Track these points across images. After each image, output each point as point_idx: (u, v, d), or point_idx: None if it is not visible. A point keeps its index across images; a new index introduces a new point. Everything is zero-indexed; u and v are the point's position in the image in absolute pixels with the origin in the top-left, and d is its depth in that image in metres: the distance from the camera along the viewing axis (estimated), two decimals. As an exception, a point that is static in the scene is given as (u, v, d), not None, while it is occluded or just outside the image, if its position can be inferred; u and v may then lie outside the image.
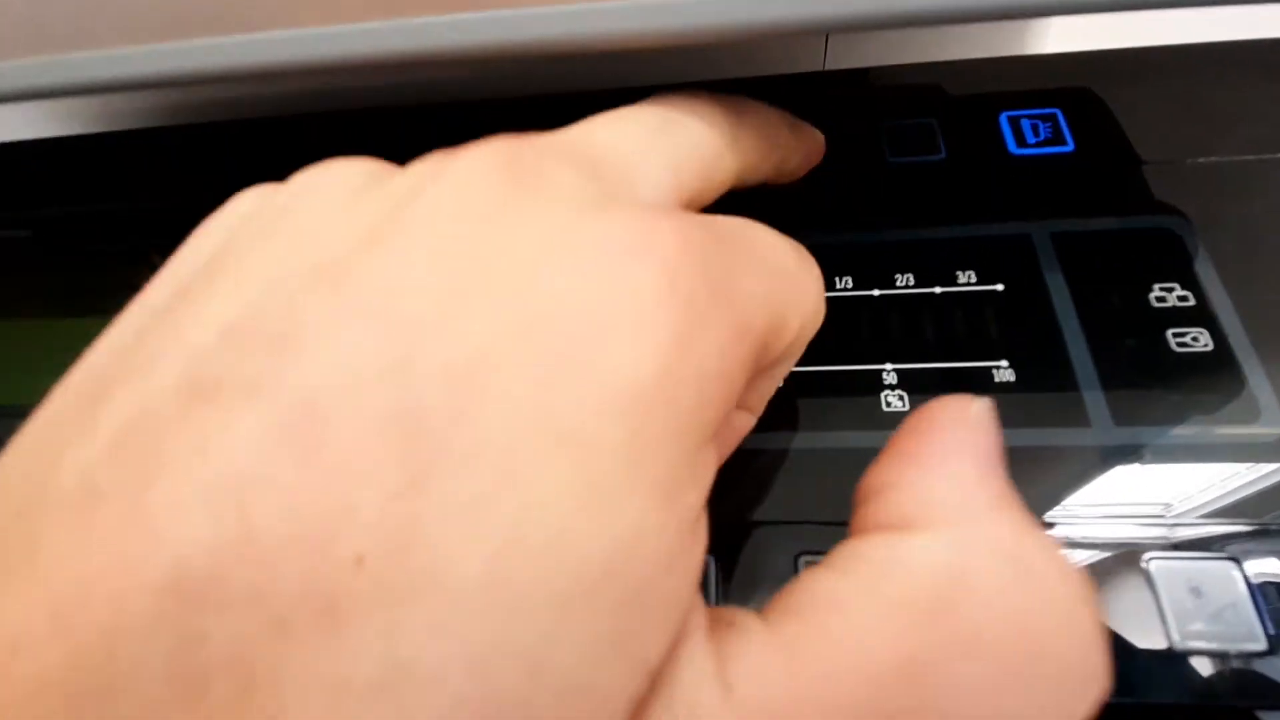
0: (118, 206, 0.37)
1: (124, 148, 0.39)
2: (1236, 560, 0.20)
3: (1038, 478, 0.22)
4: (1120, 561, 0.20)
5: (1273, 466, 0.21)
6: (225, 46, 0.22)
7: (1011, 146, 0.29)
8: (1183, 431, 0.22)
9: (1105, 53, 0.31)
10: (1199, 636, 0.19)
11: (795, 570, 0.21)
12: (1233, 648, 0.19)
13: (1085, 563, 0.20)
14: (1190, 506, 0.21)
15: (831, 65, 0.36)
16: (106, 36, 0.23)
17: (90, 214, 0.37)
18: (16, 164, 0.39)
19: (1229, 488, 0.21)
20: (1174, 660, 0.19)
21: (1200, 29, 0.31)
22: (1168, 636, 0.19)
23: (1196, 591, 0.19)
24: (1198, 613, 0.19)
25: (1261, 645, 0.18)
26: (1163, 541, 0.20)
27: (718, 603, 0.21)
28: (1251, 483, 0.21)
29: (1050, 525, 0.21)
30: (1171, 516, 0.21)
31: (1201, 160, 0.28)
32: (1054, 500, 0.21)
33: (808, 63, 0.36)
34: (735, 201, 0.28)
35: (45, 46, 0.22)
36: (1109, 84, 0.30)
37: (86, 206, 0.38)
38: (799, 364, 0.25)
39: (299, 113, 0.37)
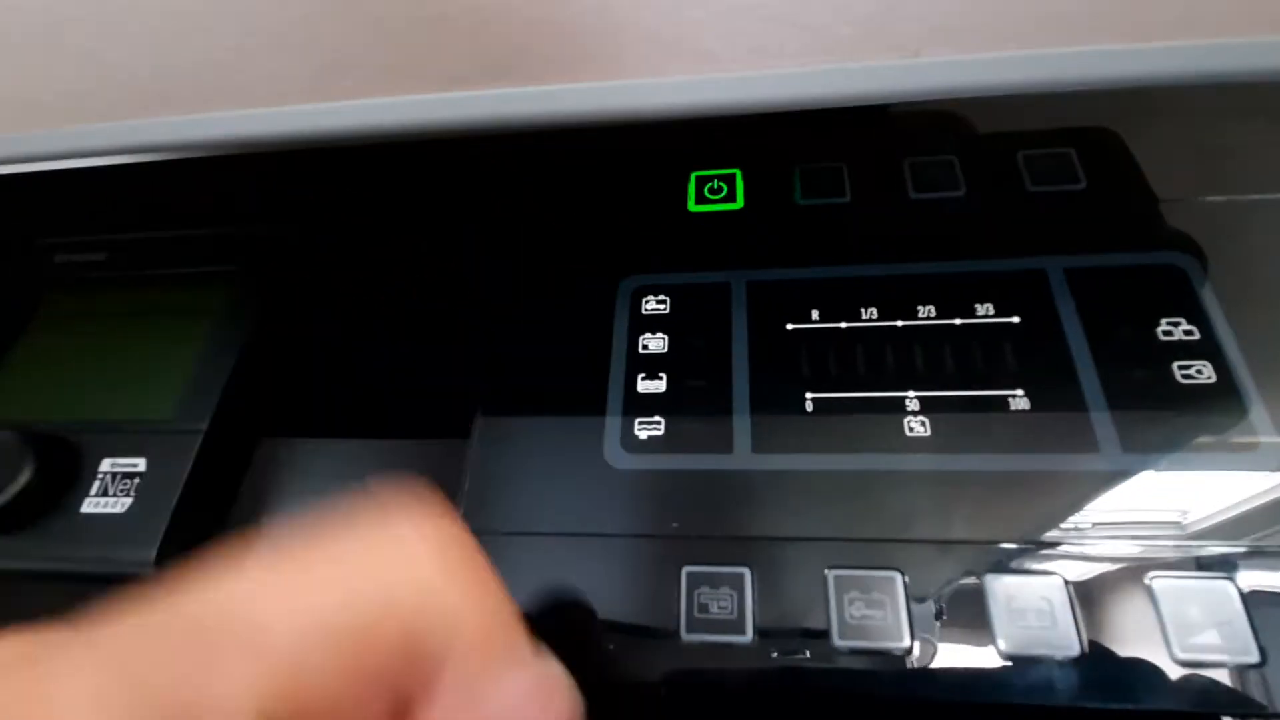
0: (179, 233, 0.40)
1: (197, 174, 0.41)
2: (1233, 579, 0.21)
3: (1049, 500, 0.24)
4: (1125, 579, 0.22)
5: (1269, 493, 0.23)
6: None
7: (1028, 183, 0.31)
8: (1185, 459, 0.24)
9: (1120, 91, 0.33)
10: (1198, 649, 0.20)
11: (825, 584, 0.23)
12: (1230, 660, 0.20)
13: (1092, 579, 0.22)
14: (1191, 529, 0.22)
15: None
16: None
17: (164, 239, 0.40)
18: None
19: (1228, 512, 0.23)
20: (1175, 672, 0.20)
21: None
22: (1169, 650, 0.21)
23: (1193, 608, 0.21)
24: (1195, 626, 0.21)
25: (1255, 658, 0.20)
26: (1165, 561, 0.22)
27: (755, 612, 0.23)
28: (1249, 508, 0.23)
29: (1060, 544, 0.23)
30: (1173, 538, 0.22)
31: (1210, 199, 0.29)
32: (1064, 521, 0.23)
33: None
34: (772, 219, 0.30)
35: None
36: (1121, 123, 0.32)
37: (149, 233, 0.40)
38: (827, 390, 0.27)
39: (341, 145, 0.39)
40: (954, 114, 0.34)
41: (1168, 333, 0.26)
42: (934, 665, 0.22)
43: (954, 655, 0.22)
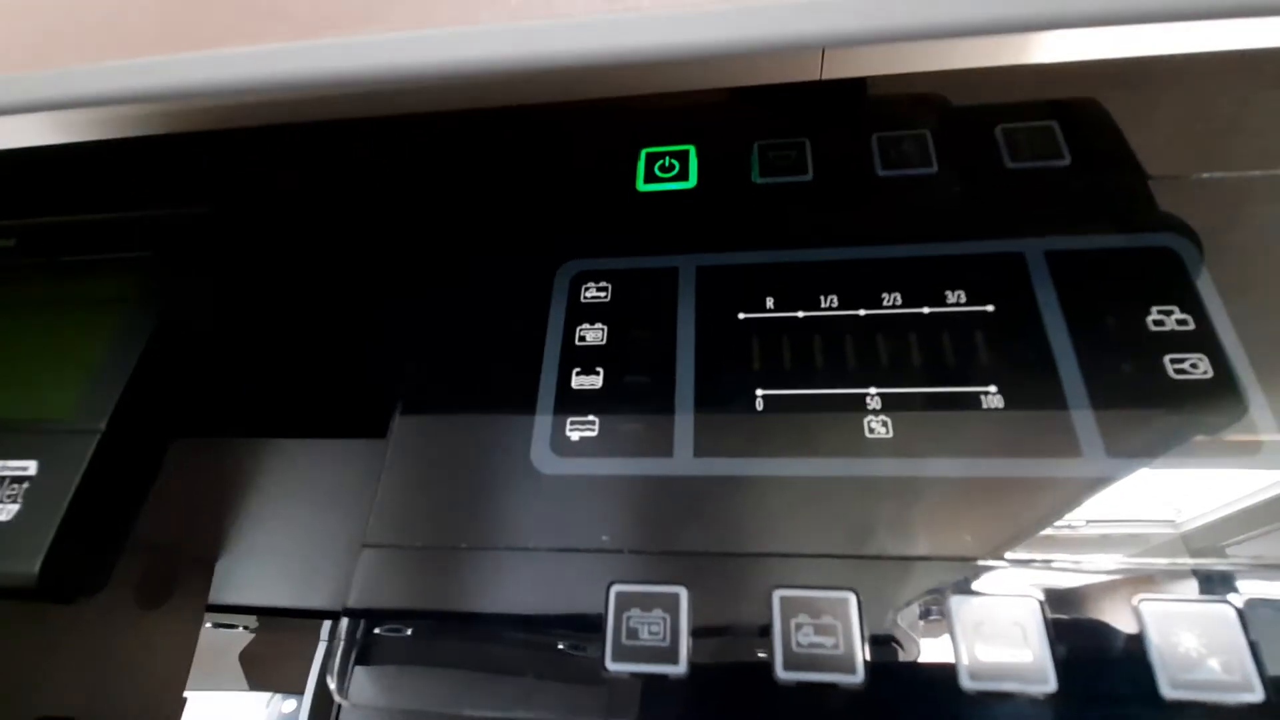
0: (102, 216, 0.37)
1: (106, 156, 0.38)
2: (1234, 603, 0.18)
3: (1025, 510, 0.21)
4: (1109, 602, 0.19)
5: (1274, 501, 0.20)
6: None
7: (1006, 159, 0.28)
8: (1179, 462, 0.21)
9: (1103, 63, 0.30)
10: (1189, 686, 0.18)
11: (770, 606, 0.20)
12: (1227, 699, 0.18)
13: (1072, 601, 0.19)
14: (1186, 544, 0.20)
15: (828, 75, 0.35)
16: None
17: (74, 224, 0.37)
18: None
19: (1227, 523, 0.20)
20: (1163, 711, 0.18)
21: (1202, 38, 0.30)
22: (1158, 686, 0.18)
23: (1187, 637, 0.18)
24: (1190, 659, 0.18)
25: (1258, 696, 0.17)
26: (1156, 581, 0.19)
27: (690, 638, 0.20)
28: (1251, 518, 0.20)
29: (1036, 561, 0.20)
30: (1165, 554, 0.20)
31: (1204, 175, 0.27)
32: (1041, 535, 0.20)
33: (803, 72, 0.35)
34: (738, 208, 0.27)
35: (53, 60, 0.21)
36: (1107, 95, 0.29)
37: (70, 216, 0.37)
38: (780, 386, 0.24)
39: (271, 123, 0.36)
40: (927, 85, 0.31)
41: (1159, 322, 0.23)
42: (890, 703, 0.19)
43: (913, 691, 0.19)
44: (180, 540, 0.29)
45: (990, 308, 0.24)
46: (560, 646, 0.21)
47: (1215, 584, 0.19)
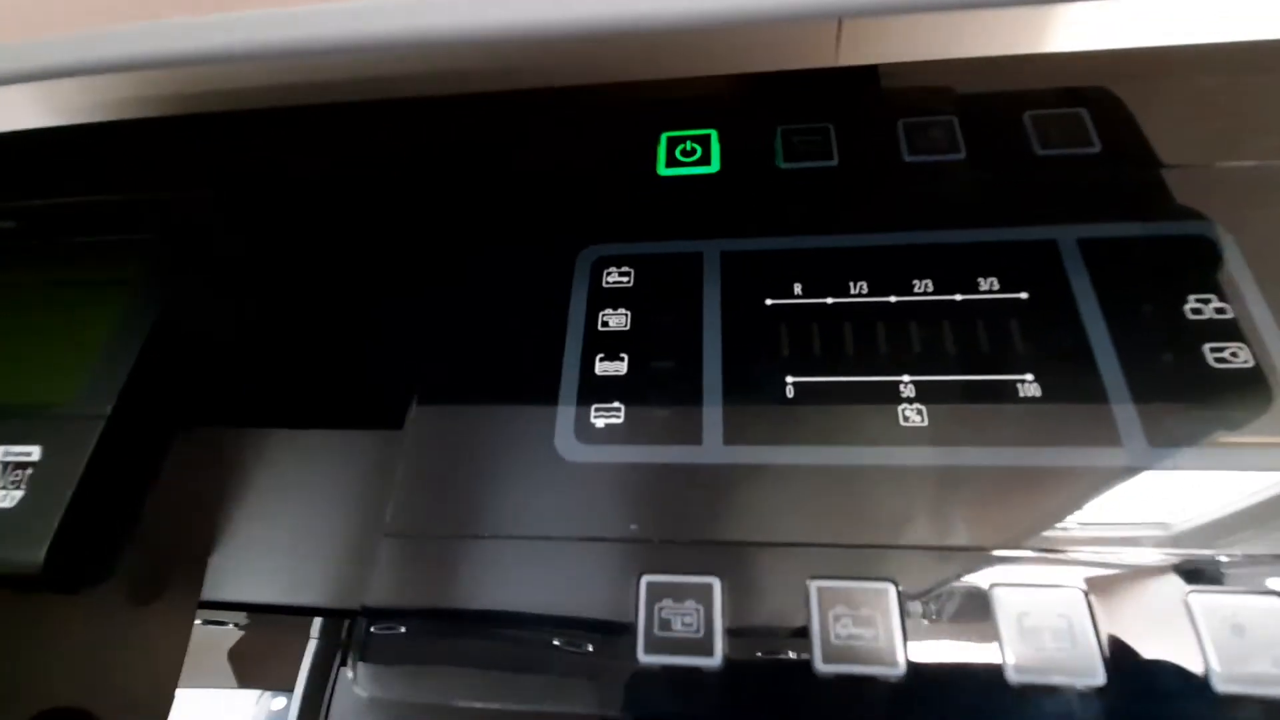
0: (104, 198, 0.36)
1: (109, 139, 0.37)
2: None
3: (1066, 501, 0.20)
4: (1157, 594, 0.19)
5: (1318, 493, 0.20)
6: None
7: (1036, 146, 0.28)
8: (1222, 454, 0.20)
9: (1133, 51, 0.30)
10: (1243, 680, 0.17)
11: (807, 597, 0.20)
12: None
13: (1118, 593, 0.19)
14: (1235, 536, 0.19)
15: (845, 60, 0.35)
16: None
17: (77, 205, 0.36)
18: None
19: (1274, 517, 0.19)
20: (1215, 705, 0.17)
21: (1231, 28, 0.30)
22: (1210, 680, 0.17)
23: (1240, 630, 0.18)
24: (1242, 653, 0.17)
25: (1312, 689, 0.17)
26: (1205, 573, 0.19)
27: (725, 630, 0.20)
28: (1297, 510, 0.19)
29: (1079, 552, 0.20)
30: (1214, 546, 0.19)
31: (1237, 164, 0.26)
32: (1083, 525, 0.20)
33: (818, 56, 0.35)
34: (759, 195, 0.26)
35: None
36: (1137, 83, 0.29)
37: (73, 198, 0.36)
38: (810, 374, 0.24)
39: (280, 105, 0.36)
40: (953, 71, 0.31)
41: (1197, 310, 0.23)
42: (933, 696, 0.18)
43: (957, 684, 0.18)
44: (174, 535, 0.28)
45: (1024, 295, 0.24)
46: (589, 638, 0.21)
47: (1269, 576, 0.19)
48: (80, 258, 0.34)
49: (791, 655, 0.19)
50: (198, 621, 0.28)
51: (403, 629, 0.22)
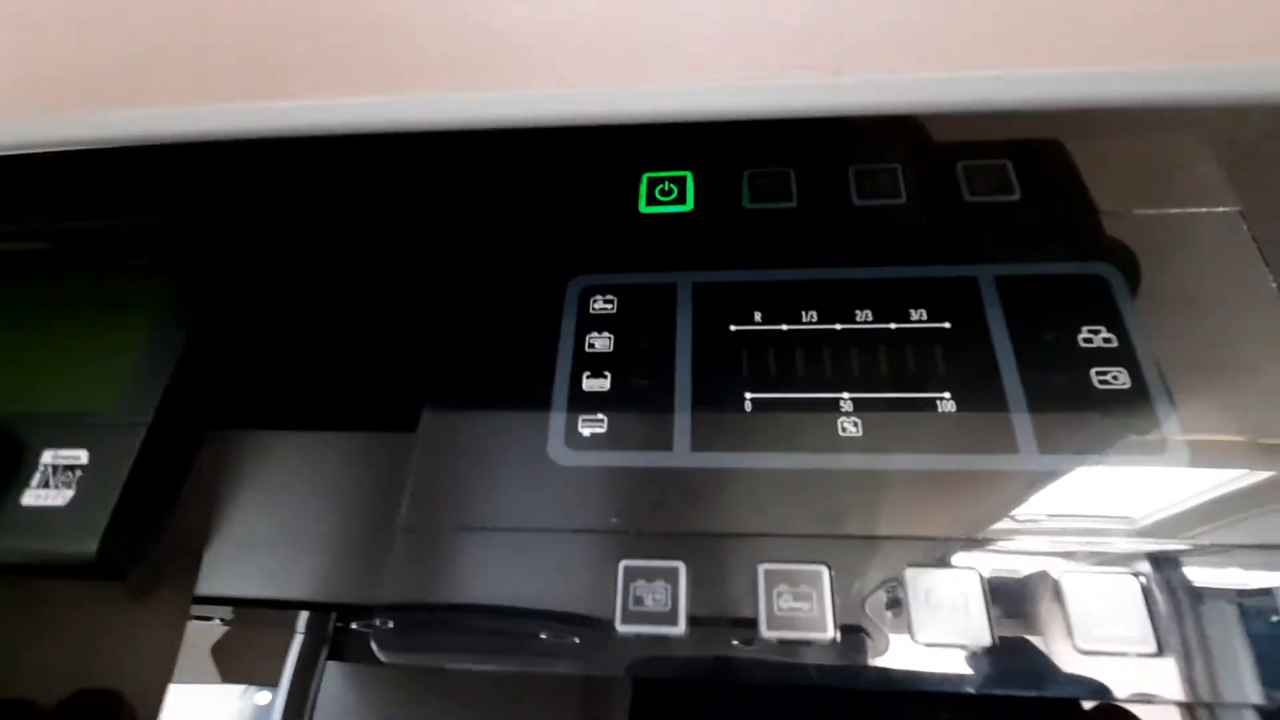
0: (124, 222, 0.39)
1: (139, 161, 0.41)
2: (1137, 573, 0.22)
3: (970, 498, 0.25)
4: (1037, 574, 0.23)
5: (1175, 491, 0.24)
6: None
7: (966, 193, 0.32)
8: (1099, 459, 0.25)
9: (1053, 109, 0.34)
10: (1100, 640, 0.22)
11: (755, 577, 0.24)
12: (1130, 649, 0.21)
13: (1006, 574, 0.23)
14: (1101, 526, 0.24)
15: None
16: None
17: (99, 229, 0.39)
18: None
19: (1137, 509, 0.24)
20: (1077, 661, 0.21)
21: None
22: (1072, 640, 0.22)
23: (1099, 600, 0.22)
24: (1100, 620, 0.22)
25: (1152, 648, 0.21)
26: (1075, 556, 0.23)
27: (688, 604, 0.24)
28: (1156, 505, 0.24)
29: (978, 540, 0.24)
30: (1084, 534, 0.24)
31: (1135, 212, 0.31)
32: (983, 518, 0.24)
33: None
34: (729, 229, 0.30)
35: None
36: (1054, 138, 0.33)
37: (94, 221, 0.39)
38: (766, 390, 0.28)
39: (296, 137, 0.39)
40: (898, 124, 0.35)
41: (1088, 340, 0.27)
42: (856, 654, 0.23)
43: (875, 645, 0.23)
44: (171, 529, 0.31)
45: (947, 324, 0.28)
46: (576, 612, 0.25)
47: (1123, 559, 0.23)
48: (114, 277, 0.37)
49: (742, 623, 0.23)
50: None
51: (419, 605, 0.26)
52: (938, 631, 0.22)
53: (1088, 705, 0.22)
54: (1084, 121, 0.34)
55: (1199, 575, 0.23)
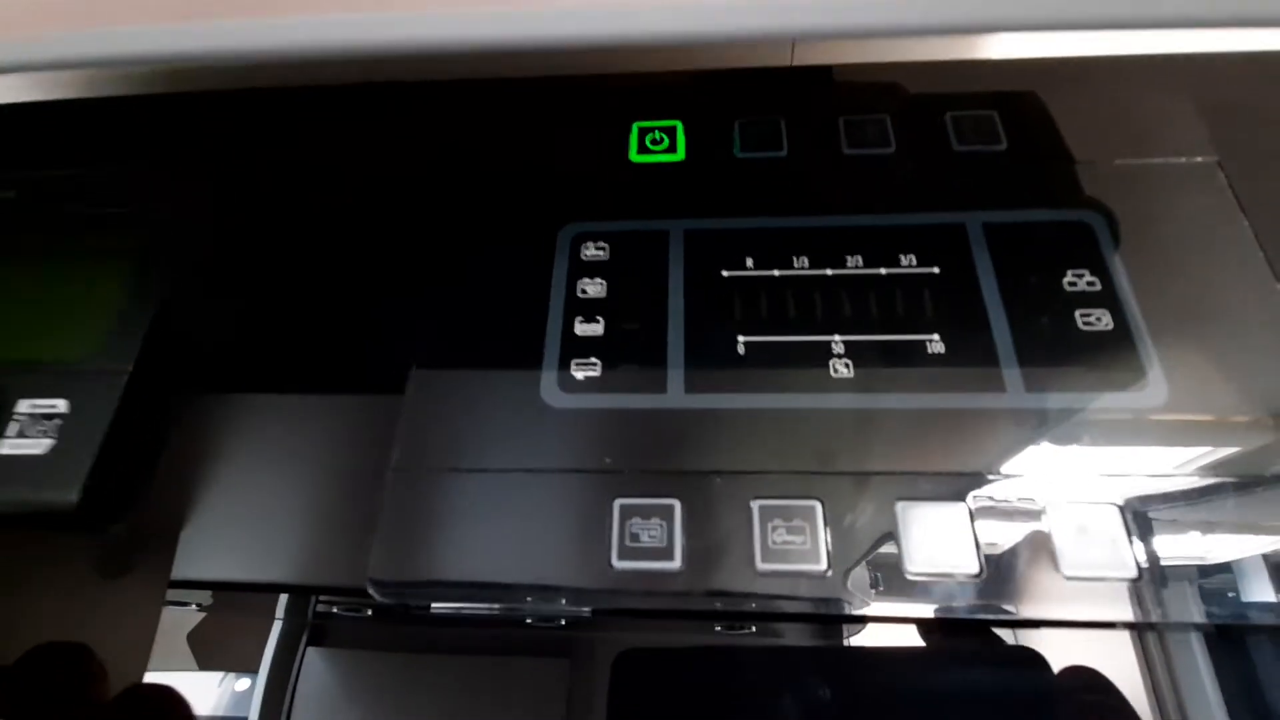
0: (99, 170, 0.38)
1: (106, 114, 0.40)
2: (1118, 504, 0.23)
3: (958, 435, 0.25)
4: (1023, 506, 0.24)
5: (1155, 425, 0.25)
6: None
7: (954, 143, 0.33)
8: (1083, 397, 0.25)
9: (1041, 60, 0.35)
10: (1084, 566, 0.22)
11: (750, 513, 0.24)
12: (1111, 574, 0.22)
13: (994, 506, 0.24)
14: (1087, 460, 0.24)
15: (799, 61, 0.39)
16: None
17: (73, 177, 0.38)
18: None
19: (1119, 444, 0.25)
20: (1062, 586, 0.22)
21: (1125, 43, 0.34)
22: (1058, 568, 0.22)
23: (1083, 530, 0.23)
24: (1084, 548, 0.23)
25: (1133, 573, 0.22)
26: (1060, 488, 0.24)
27: (684, 540, 0.24)
28: (1138, 439, 0.25)
29: (966, 475, 0.24)
30: (1070, 468, 0.24)
31: (1120, 162, 0.31)
32: (970, 455, 0.25)
33: (775, 58, 0.39)
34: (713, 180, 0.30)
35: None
36: (1041, 90, 0.33)
37: (69, 170, 0.38)
38: (758, 334, 0.28)
39: (278, 86, 0.38)
40: (888, 75, 0.35)
41: (1072, 284, 0.28)
42: (847, 585, 0.23)
43: (868, 576, 0.23)
44: (146, 507, 0.30)
45: (936, 269, 0.29)
46: (572, 550, 0.25)
47: (1106, 490, 0.24)
48: (93, 227, 0.36)
49: (737, 557, 0.24)
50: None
51: (412, 545, 0.26)
52: (927, 562, 0.23)
53: (1056, 667, 0.23)
54: (1068, 73, 0.34)
55: (1179, 504, 0.23)
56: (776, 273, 0.29)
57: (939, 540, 0.23)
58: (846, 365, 0.27)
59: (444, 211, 0.33)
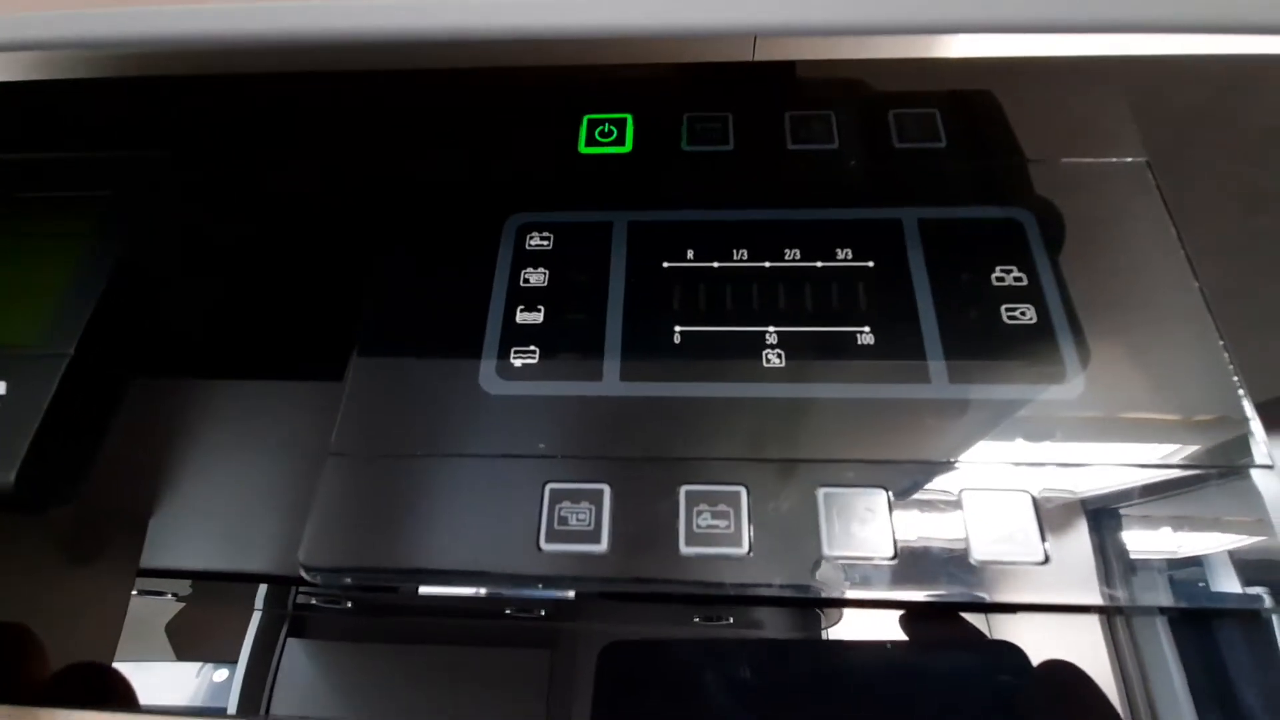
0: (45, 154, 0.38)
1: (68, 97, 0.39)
2: (1030, 492, 0.24)
3: (882, 425, 0.26)
4: (940, 492, 0.24)
5: (1069, 416, 0.26)
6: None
7: (895, 140, 0.33)
8: (1003, 390, 0.26)
9: (981, 60, 0.35)
10: (994, 552, 0.23)
11: (677, 498, 0.25)
12: (1020, 559, 0.23)
13: (912, 492, 0.24)
14: (1002, 448, 0.25)
15: (760, 57, 0.39)
16: None
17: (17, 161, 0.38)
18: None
19: (1035, 433, 0.25)
20: (971, 571, 0.23)
21: (1067, 44, 0.35)
22: (969, 552, 0.23)
23: (995, 517, 0.23)
24: (994, 533, 0.23)
25: (1041, 557, 0.23)
26: (975, 475, 0.24)
27: (611, 524, 0.25)
28: (1052, 428, 0.25)
29: (886, 462, 0.25)
30: (986, 456, 0.25)
31: (1055, 161, 0.32)
32: (893, 443, 0.25)
33: (737, 52, 0.39)
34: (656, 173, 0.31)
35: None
36: (980, 89, 0.34)
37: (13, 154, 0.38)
38: (695, 324, 0.28)
39: (232, 73, 0.38)
40: (839, 72, 0.36)
41: (1000, 279, 0.28)
42: (769, 568, 0.24)
43: (787, 559, 0.24)
44: (112, 492, 0.30)
45: (870, 263, 0.29)
46: (502, 532, 0.25)
47: (1020, 477, 0.24)
48: (39, 211, 0.36)
49: (662, 540, 0.24)
50: (134, 593, 0.28)
51: (345, 528, 0.26)
52: (846, 545, 0.24)
53: (1035, 660, 0.23)
54: (1011, 72, 0.35)
55: (1089, 493, 0.24)
56: (716, 265, 0.30)
57: (858, 525, 0.24)
58: (779, 356, 0.28)
59: (395, 199, 0.34)
